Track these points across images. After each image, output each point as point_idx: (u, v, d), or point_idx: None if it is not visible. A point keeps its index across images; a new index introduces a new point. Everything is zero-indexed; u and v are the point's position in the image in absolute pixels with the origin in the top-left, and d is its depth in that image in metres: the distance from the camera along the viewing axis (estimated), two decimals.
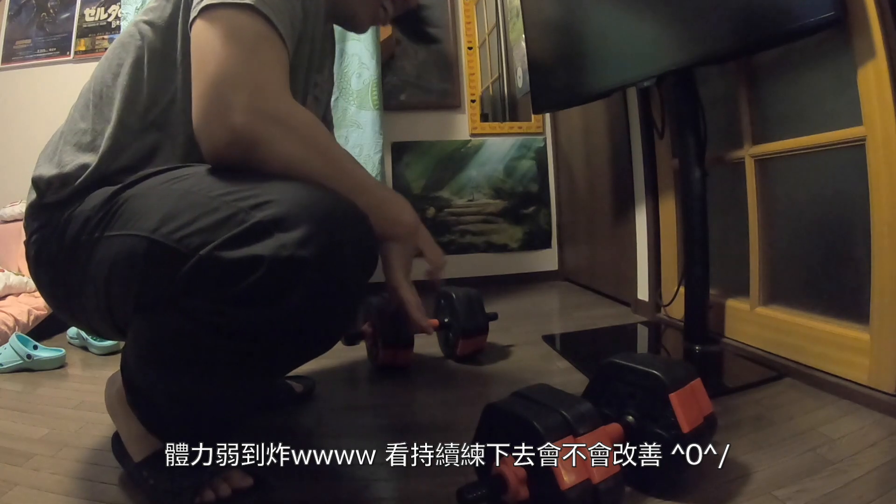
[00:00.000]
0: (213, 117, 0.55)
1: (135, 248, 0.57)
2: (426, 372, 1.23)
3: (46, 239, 0.67)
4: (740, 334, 1.25)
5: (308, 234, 0.50)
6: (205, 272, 0.51)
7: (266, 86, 0.57)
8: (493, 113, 2.41)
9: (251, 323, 0.52)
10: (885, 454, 0.74)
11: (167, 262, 0.53)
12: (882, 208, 0.90)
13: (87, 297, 0.65)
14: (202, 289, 0.52)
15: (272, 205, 0.51)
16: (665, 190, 1.53)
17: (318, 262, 0.50)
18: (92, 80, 0.72)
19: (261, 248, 0.49)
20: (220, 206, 0.53)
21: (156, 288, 0.56)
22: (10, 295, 1.67)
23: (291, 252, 0.49)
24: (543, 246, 2.43)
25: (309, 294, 0.51)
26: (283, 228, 0.50)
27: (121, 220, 0.60)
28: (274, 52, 0.60)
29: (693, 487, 0.67)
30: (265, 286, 0.50)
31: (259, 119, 0.55)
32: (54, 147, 0.71)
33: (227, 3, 0.57)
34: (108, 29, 2.24)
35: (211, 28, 0.57)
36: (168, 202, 0.57)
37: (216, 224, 0.52)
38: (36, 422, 0.96)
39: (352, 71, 1.96)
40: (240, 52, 0.56)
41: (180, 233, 0.53)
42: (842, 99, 0.97)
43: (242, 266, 0.50)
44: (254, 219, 0.50)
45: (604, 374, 0.72)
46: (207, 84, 0.55)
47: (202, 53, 0.57)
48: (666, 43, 1.15)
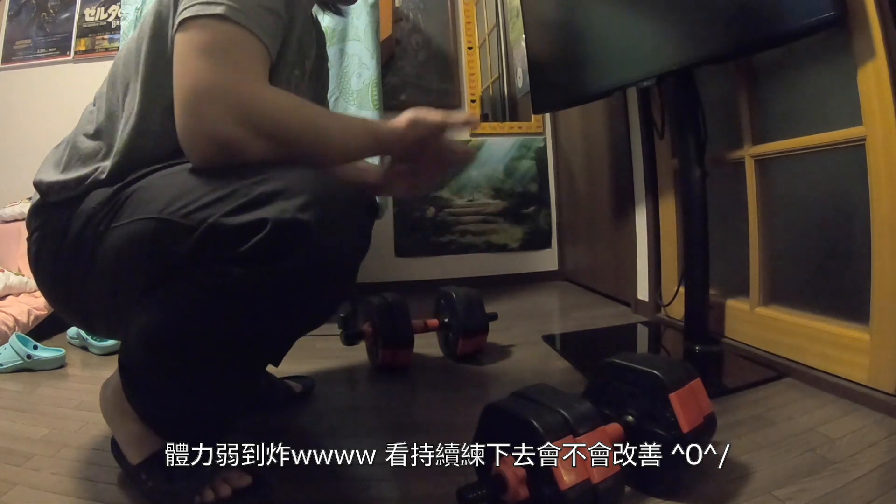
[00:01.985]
0: (194, 130, 0.57)
1: (143, 231, 0.59)
2: (426, 372, 1.23)
3: (48, 237, 0.69)
4: (740, 334, 1.25)
5: (308, 200, 0.54)
6: (211, 239, 0.54)
7: (239, 89, 0.57)
8: (493, 113, 2.41)
9: (256, 283, 0.55)
10: (885, 454, 0.75)
11: (175, 238, 0.56)
12: (882, 208, 0.90)
13: (90, 292, 0.66)
14: (209, 255, 0.55)
15: (273, 180, 0.55)
16: (665, 190, 1.53)
17: (318, 225, 0.54)
18: (103, 92, 0.73)
19: (263, 212, 0.53)
20: (224, 185, 0.56)
21: (165, 264, 0.58)
22: (10, 295, 1.67)
23: (293, 215, 0.53)
24: (543, 246, 2.43)
25: (310, 253, 0.55)
26: (284, 197, 0.54)
27: (127, 211, 0.62)
28: (249, 53, 0.60)
29: (693, 487, 0.67)
30: (269, 245, 0.53)
31: (238, 125, 0.56)
32: (60, 154, 0.72)
33: (198, 15, 0.58)
34: (108, 29, 2.24)
35: (184, 41, 0.59)
36: (173, 187, 0.59)
37: (221, 198, 0.55)
38: (36, 422, 0.96)
39: (352, 71, 1.96)
40: (209, 63, 0.57)
41: (186, 209, 0.56)
42: (842, 99, 0.97)
43: (247, 229, 0.53)
44: (257, 191, 0.54)
45: (604, 374, 0.72)
46: (184, 98, 0.57)
47: (178, 67, 0.59)
48: (666, 43, 1.15)
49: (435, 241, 2.32)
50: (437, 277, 2.11)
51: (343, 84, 1.97)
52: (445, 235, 2.32)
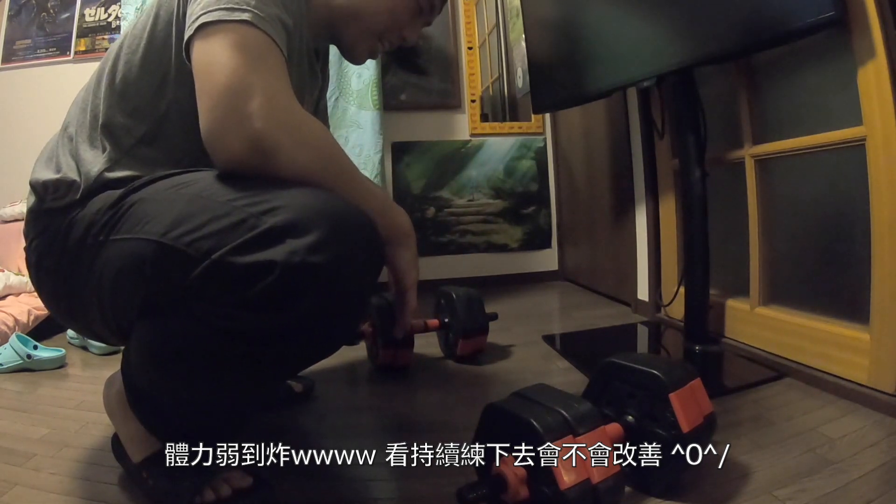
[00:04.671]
0: (229, 127, 0.54)
1: (143, 252, 0.56)
2: (426, 372, 1.23)
3: (47, 245, 0.67)
4: (740, 334, 1.25)
5: (319, 240, 0.50)
6: (216, 276, 0.51)
7: (278, 94, 0.57)
8: (493, 113, 2.41)
9: (261, 327, 0.52)
10: (885, 454, 0.75)
11: (177, 266, 0.53)
12: (882, 208, 0.90)
13: (89, 301, 0.65)
14: (213, 293, 0.52)
15: (283, 210, 0.51)
16: (665, 190, 1.53)
17: (329, 268, 0.51)
18: (84, 90, 0.72)
19: (272, 253, 0.49)
20: (231, 211, 0.52)
21: (164, 292, 0.56)
22: (10, 295, 1.67)
23: (303, 258, 0.49)
24: (543, 246, 2.43)
25: (319, 299, 0.51)
26: (294, 234, 0.50)
27: (127, 223, 0.59)
28: (278, 61, 0.60)
29: (693, 487, 0.67)
30: (277, 291, 0.50)
31: (276, 126, 0.55)
32: (52, 151, 0.71)
33: (224, 20, 0.57)
34: (108, 29, 2.24)
35: (212, 43, 0.57)
36: (177, 206, 0.56)
37: (227, 228, 0.52)
38: (36, 422, 0.96)
39: (352, 71, 1.96)
40: (249, 61, 0.56)
41: (190, 236, 0.53)
42: (842, 99, 0.97)
43: (254, 271, 0.50)
44: (265, 224, 0.50)
45: (604, 374, 0.72)
46: (219, 94, 0.55)
47: (208, 67, 0.56)
48: (666, 43, 1.15)
49: (435, 241, 2.32)
50: (436, 277, 2.11)
51: (343, 84, 1.97)
52: (445, 235, 2.32)
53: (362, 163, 1.92)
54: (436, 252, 2.32)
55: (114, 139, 0.67)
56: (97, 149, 0.68)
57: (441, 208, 2.32)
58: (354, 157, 1.87)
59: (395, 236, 0.70)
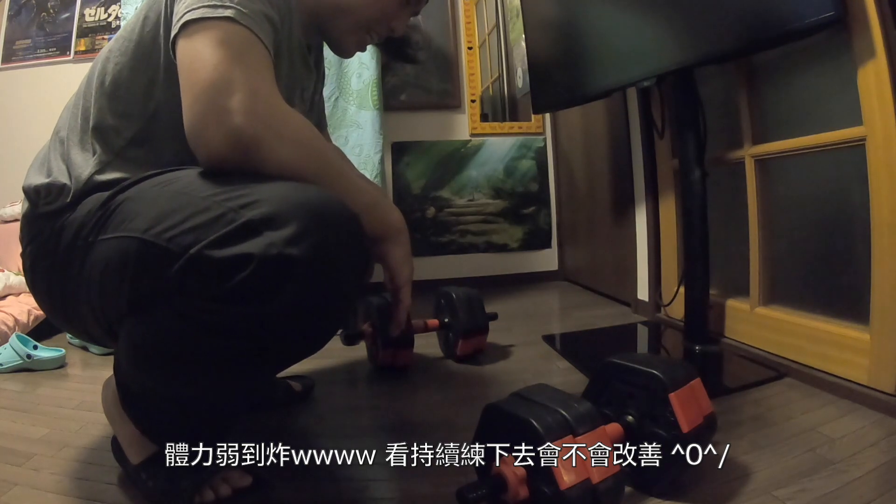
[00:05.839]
0: (210, 122, 0.55)
1: (127, 249, 0.57)
2: (426, 372, 1.23)
3: (41, 249, 0.67)
4: (740, 334, 1.25)
5: (297, 231, 0.50)
6: (195, 271, 0.52)
7: (260, 89, 0.57)
8: (493, 113, 2.41)
9: (242, 321, 0.52)
10: (885, 454, 0.75)
11: (158, 262, 0.53)
12: (882, 208, 0.90)
13: (81, 302, 0.65)
14: (193, 287, 0.52)
15: (261, 203, 0.51)
16: (665, 190, 1.53)
17: (308, 260, 0.50)
18: (75, 95, 0.72)
19: (249, 246, 0.49)
20: (211, 206, 0.53)
21: (148, 287, 0.56)
22: (10, 295, 1.67)
23: (280, 250, 0.49)
24: (543, 246, 2.43)
25: (299, 292, 0.51)
26: (272, 227, 0.50)
27: (114, 222, 0.60)
28: (261, 57, 0.60)
29: (693, 487, 0.67)
30: (255, 284, 0.50)
31: (257, 121, 0.55)
32: (44, 156, 0.71)
33: (207, 17, 0.57)
34: (108, 29, 2.24)
35: (196, 40, 0.57)
36: (160, 203, 0.57)
37: (206, 223, 0.52)
38: (36, 422, 0.96)
39: (352, 71, 1.96)
40: (231, 57, 0.56)
41: (170, 232, 0.53)
42: (842, 99, 0.97)
43: (231, 264, 0.50)
44: (243, 218, 0.51)
45: (604, 374, 0.72)
46: (201, 90, 0.55)
47: (191, 63, 0.57)
48: (666, 43, 1.15)
49: (435, 241, 2.32)
50: (437, 277, 2.11)
51: (343, 84, 1.97)
52: (445, 235, 2.31)
53: (362, 163, 1.92)
54: (436, 252, 2.32)
55: (104, 141, 0.68)
56: (88, 152, 0.68)
57: (441, 208, 2.32)
58: (354, 157, 1.87)
59: (387, 232, 0.69)
